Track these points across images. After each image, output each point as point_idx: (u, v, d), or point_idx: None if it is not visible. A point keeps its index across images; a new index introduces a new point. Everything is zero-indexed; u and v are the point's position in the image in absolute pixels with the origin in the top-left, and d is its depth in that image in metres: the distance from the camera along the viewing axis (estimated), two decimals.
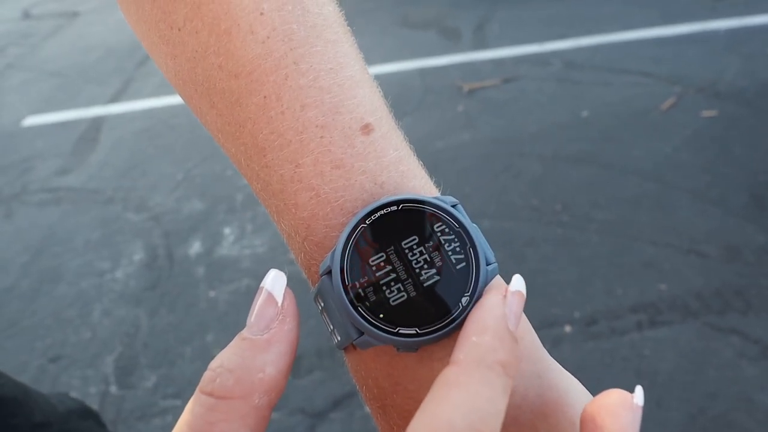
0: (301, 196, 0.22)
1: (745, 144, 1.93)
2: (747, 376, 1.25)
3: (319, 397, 1.29)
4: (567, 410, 0.21)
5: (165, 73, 0.26)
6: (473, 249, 0.21)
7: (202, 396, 0.18)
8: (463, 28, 2.91)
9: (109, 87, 2.76)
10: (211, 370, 0.18)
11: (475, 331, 0.18)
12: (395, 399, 0.22)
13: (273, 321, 0.19)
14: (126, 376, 1.39)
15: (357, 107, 0.22)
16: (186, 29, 0.23)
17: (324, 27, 0.23)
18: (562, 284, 1.50)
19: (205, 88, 0.23)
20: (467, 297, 0.20)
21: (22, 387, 0.53)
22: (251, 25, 0.22)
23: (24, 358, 1.45)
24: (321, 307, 0.22)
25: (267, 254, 1.70)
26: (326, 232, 0.22)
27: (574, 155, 1.96)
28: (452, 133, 2.13)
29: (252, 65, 0.22)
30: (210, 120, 0.24)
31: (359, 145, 0.22)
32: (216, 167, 2.08)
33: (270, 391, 0.18)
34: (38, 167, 2.22)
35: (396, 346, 0.20)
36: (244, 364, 0.18)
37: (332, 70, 0.22)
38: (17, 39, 3.41)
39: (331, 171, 0.22)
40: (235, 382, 0.18)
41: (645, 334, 1.36)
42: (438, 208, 0.21)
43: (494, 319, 0.18)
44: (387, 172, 0.22)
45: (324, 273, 0.21)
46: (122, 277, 1.67)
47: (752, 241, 1.57)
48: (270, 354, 0.18)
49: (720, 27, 2.65)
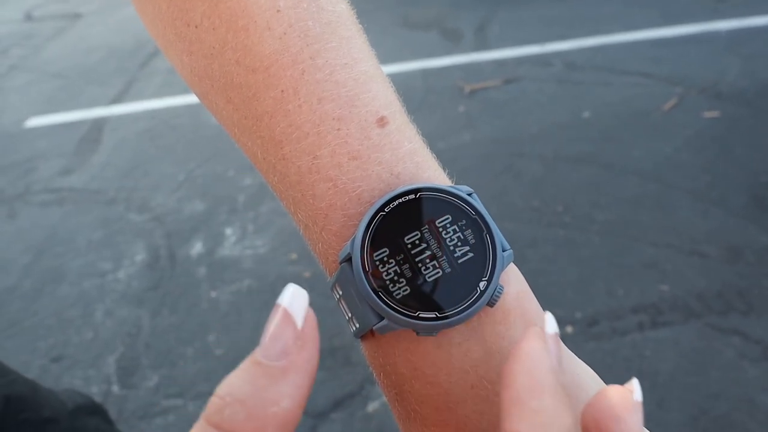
0: (319, 186, 0.22)
1: (746, 144, 1.93)
2: (749, 377, 1.25)
3: (321, 398, 1.30)
4: (578, 393, 0.21)
5: (180, 70, 0.26)
6: (490, 235, 0.21)
7: (209, 428, 0.16)
8: (464, 29, 2.92)
9: (111, 88, 2.77)
10: (219, 397, 0.16)
11: (532, 393, 0.16)
12: (413, 385, 0.22)
13: (290, 346, 0.17)
14: (128, 376, 1.39)
15: (372, 101, 0.23)
16: (203, 26, 0.23)
17: (338, 24, 0.23)
18: (564, 285, 1.50)
19: (222, 83, 0.24)
20: (485, 281, 0.21)
21: (30, 383, 0.54)
22: (268, 22, 0.22)
23: (26, 358, 1.45)
24: (339, 295, 0.23)
25: (268, 254, 1.70)
26: (344, 221, 0.22)
27: (575, 156, 1.96)
28: (453, 134, 2.13)
29: (269, 60, 0.22)
30: (226, 115, 0.25)
31: (375, 137, 0.22)
32: (218, 168, 2.08)
33: (284, 426, 0.16)
34: (41, 168, 2.23)
35: (416, 330, 0.21)
36: (257, 394, 0.16)
37: (347, 65, 0.23)
38: (20, 40, 3.42)
39: (348, 162, 0.22)
40: (247, 417, 0.16)
41: (646, 334, 1.36)
42: (454, 196, 0.22)
43: (547, 375, 0.16)
44: (402, 163, 0.23)
45: (343, 260, 0.22)
46: (124, 278, 1.68)
47: (754, 242, 1.57)
48: (287, 385, 0.16)
49: (721, 28, 2.65)
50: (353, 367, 1.35)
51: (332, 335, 1.41)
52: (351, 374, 1.34)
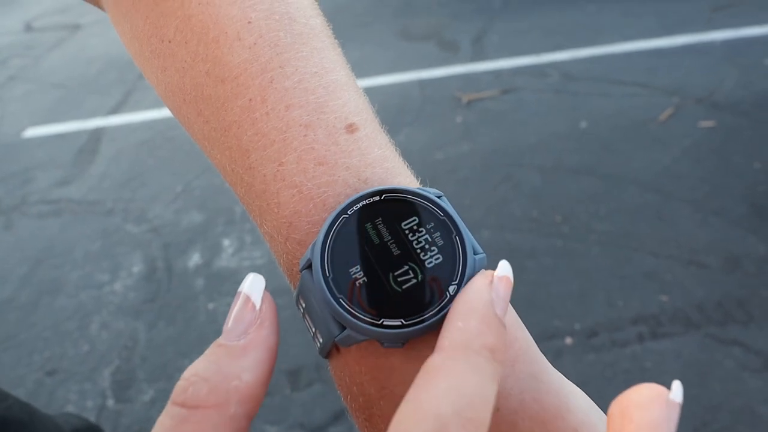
0: (284, 194, 0.22)
1: (744, 154, 1.93)
2: (750, 388, 1.24)
3: (319, 411, 1.28)
4: (568, 416, 0.20)
5: (156, 87, 0.26)
6: (459, 237, 0.20)
7: (174, 407, 0.16)
8: (462, 40, 2.94)
9: (110, 98, 2.77)
10: (184, 379, 0.17)
11: (461, 316, 0.17)
12: (382, 406, 0.20)
13: (251, 326, 0.18)
14: (123, 390, 1.38)
15: (342, 107, 0.22)
16: (176, 40, 0.23)
17: (310, 36, 0.23)
18: (563, 296, 1.49)
19: (193, 96, 0.23)
20: (455, 285, 0.19)
21: (27, 408, 0.53)
22: (239, 33, 0.22)
23: (21, 372, 1.44)
24: (303, 309, 0.22)
25: (266, 266, 1.69)
26: (308, 228, 0.21)
27: (574, 166, 1.96)
28: (451, 144, 2.14)
29: (238, 69, 0.22)
30: (197, 128, 0.24)
31: (343, 142, 0.22)
32: (215, 179, 2.08)
33: (247, 400, 0.17)
34: (38, 178, 2.23)
35: (380, 340, 0.19)
36: (219, 371, 0.17)
37: (317, 73, 0.23)
38: (20, 51, 3.44)
39: (315, 168, 0.21)
40: (209, 391, 0.16)
41: (646, 345, 1.35)
42: (422, 198, 0.21)
43: (481, 304, 0.17)
44: (371, 168, 0.22)
45: (304, 268, 0.20)
46: (121, 290, 1.67)
47: (753, 252, 1.56)
48: (247, 360, 0.17)
49: (717, 38, 2.67)
50: None
51: None
52: None
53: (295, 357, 1.39)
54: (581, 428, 0.20)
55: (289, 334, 1.43)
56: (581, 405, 0.20)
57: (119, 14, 0.26)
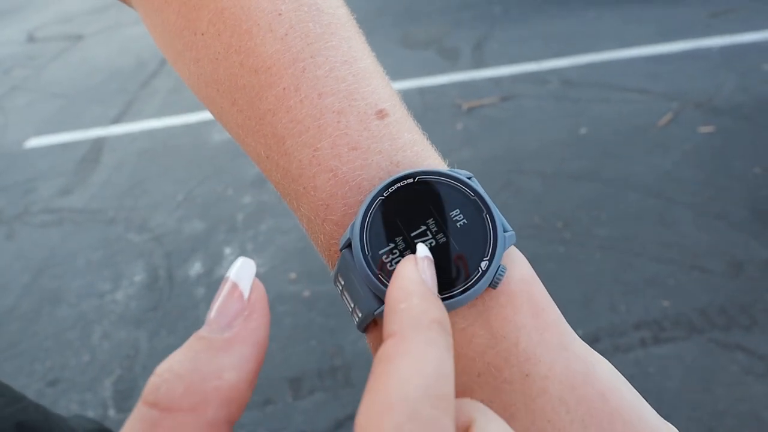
0: (320, 178, 0.23)
1: (744, 158, 1.93)
2: (754, 393, 1.23)
3: (321, 420, 1.28)
4: (595, 382, 0.20)
5: (187, 79, 0.27)
6: (489, 216, 0.21)
7: (144, 408, 0.15)
8: (462, 47, 2.95)
9: (112, 108, 2.79)
10: (157, 375, 0.15)
11: (401, 299, 0.17)
12: None
13: (237, 317, 0.16)
14: (125, 400, 1.37)
15: (371, 94, 0.24)
16: (209, 32, 0.24)
17: (338, 26, 0.24)
18: (565, 302, 1.49)
19: (227, 86, 0.24)
20: (486, 261, 0.20)
21: (42, 410, 0.53)
22: (270, 24, 0.23)
23: (23, 382, 1.43)
24: (341, 287, 0.23)
25: (268, 274, 1.69)
26: (345, 210, 0.22)
27: (574, 172, 1.96)
28: (452, 151, 2.14)
29: (271, 60, 0.23)
30: (231, 117, 0.25)
31: (374, 128, 0.23)
32: (217, 187, 2.09)
33: (229, 402, 0.15)
34: (41, 188, 2.23)
35: None
36: (196, 368, 0.15)
37: (347, 62, 0.24)
38: (23, 61, 3.46)
39: (348, 152, 0.22)
40: (185, 391, 0.14)
41: (649, 351, 1.34)
42: (453, 179, 0.22)
43: (415, 284, 0.17)
44: (402, 152, 0.23)
45: (344, 247, 0.22)
46: (123, 299, 1.67)
47: (756, 256, 1.56)
48: (230, 357, 0.15)
49: (715, 44, 2.68)
50: (353, 388, 1.33)
51: (332, 355, 1.40)
52: (351, 395, 1.32)
53: (297, 365, 1.39)
54: (607, 393, 0.20)
55: (291, 342, 1.43)
56: (606, 371, 0.21)
57: (151, 9, 0.27)
